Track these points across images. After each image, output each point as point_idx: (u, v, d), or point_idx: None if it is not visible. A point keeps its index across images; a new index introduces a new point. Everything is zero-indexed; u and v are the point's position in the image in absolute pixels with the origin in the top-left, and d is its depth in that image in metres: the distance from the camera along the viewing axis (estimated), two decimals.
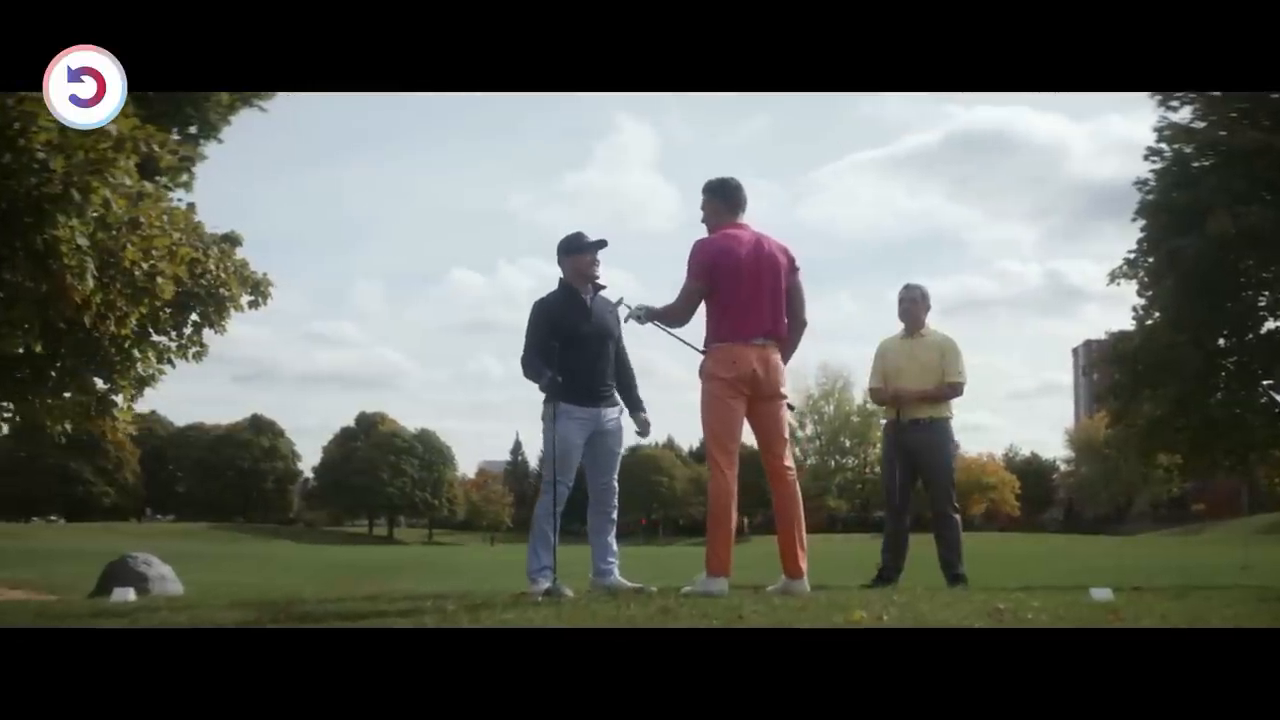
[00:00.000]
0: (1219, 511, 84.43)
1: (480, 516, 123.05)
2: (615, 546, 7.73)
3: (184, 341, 11.59)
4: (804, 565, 6.93)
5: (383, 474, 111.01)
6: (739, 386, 6.88)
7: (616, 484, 7.81)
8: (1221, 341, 17.19)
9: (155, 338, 11.47)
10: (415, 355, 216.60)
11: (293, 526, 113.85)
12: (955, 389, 9.02)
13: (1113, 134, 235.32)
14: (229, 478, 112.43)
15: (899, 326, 9.23)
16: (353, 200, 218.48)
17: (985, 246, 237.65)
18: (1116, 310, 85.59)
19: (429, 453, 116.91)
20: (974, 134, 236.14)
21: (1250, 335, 16.89)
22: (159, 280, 9.77)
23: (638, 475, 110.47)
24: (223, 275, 11.21)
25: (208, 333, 11.94)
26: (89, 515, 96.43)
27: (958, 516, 8.98)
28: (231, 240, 11.86)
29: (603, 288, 7.74)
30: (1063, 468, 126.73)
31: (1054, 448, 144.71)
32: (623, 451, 7.91)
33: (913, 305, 9.11)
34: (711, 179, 7.23)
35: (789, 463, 7.11)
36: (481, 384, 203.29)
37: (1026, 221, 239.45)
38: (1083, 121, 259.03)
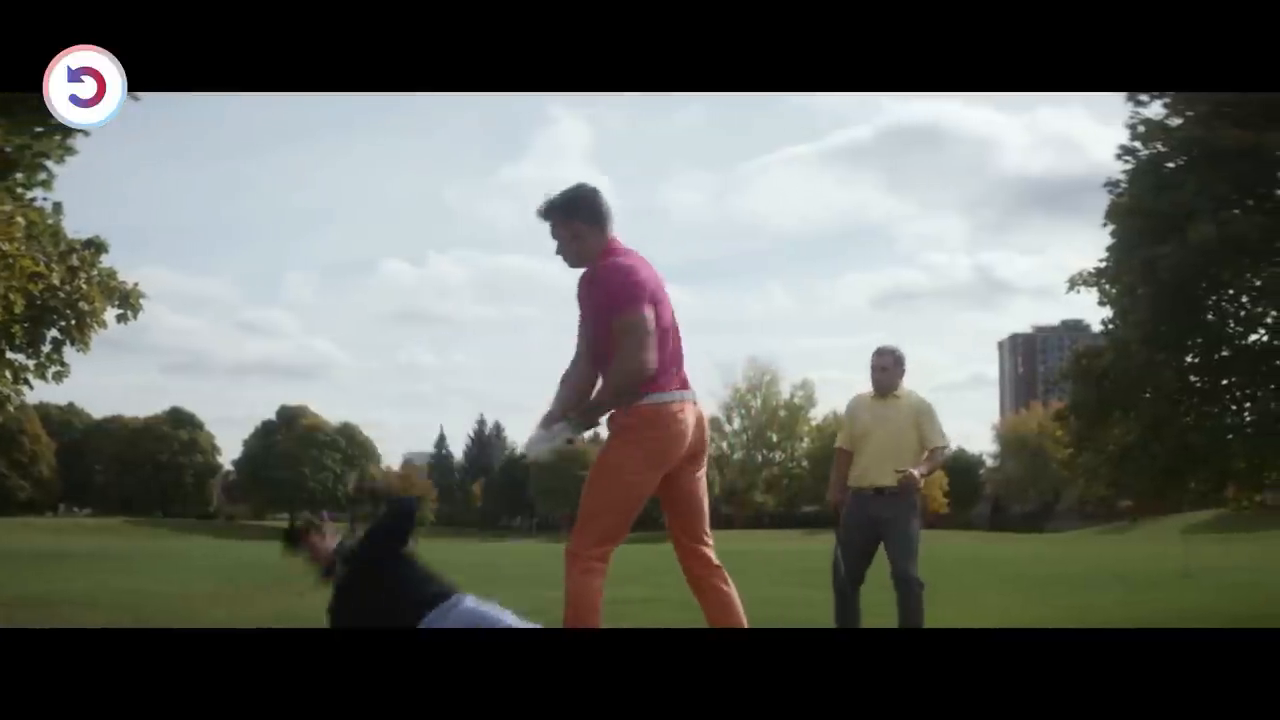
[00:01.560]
0: (1146, 509, 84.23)
1: None
2: None
3: (42, 360, 10.31)
4: None
5: (304, 468, 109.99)
6: (667, 456, 5.19)
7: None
8: (1196, 358, 16.01)
9: (10, 355, 10.26)
10: (346, 345, 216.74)
11: (212, 521, 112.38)
12: (939, 454, 8.35)
13: (1044, 127, 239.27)
14: (147, 471, 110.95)
15: (869, 386, 8.50)
16: (290, 190, 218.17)
17: (915, 239, 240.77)
18: (1043, 304, 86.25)
19: (352, 446, 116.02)
20: (906, 127, 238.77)
21: (1227, 350, 15.73)
22: None
23: (562, 471, 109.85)
24: (82, 287, 9.82)
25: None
26: (4, 509, 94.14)
27: (923, 585, 8.02)
28: (96, 247, 10.40)
29: None
30: (989, 463, 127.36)
31: (981, 441, 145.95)
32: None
33: (883, 374, 8.36)
34: (559, 196, 5.43)
35: (710, 546, 5.44)
36: (410, 375, 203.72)
37: (956, 214, 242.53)
38: (1014, 114, 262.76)
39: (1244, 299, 15.71)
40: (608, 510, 5.26)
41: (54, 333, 10.27)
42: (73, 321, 10.11)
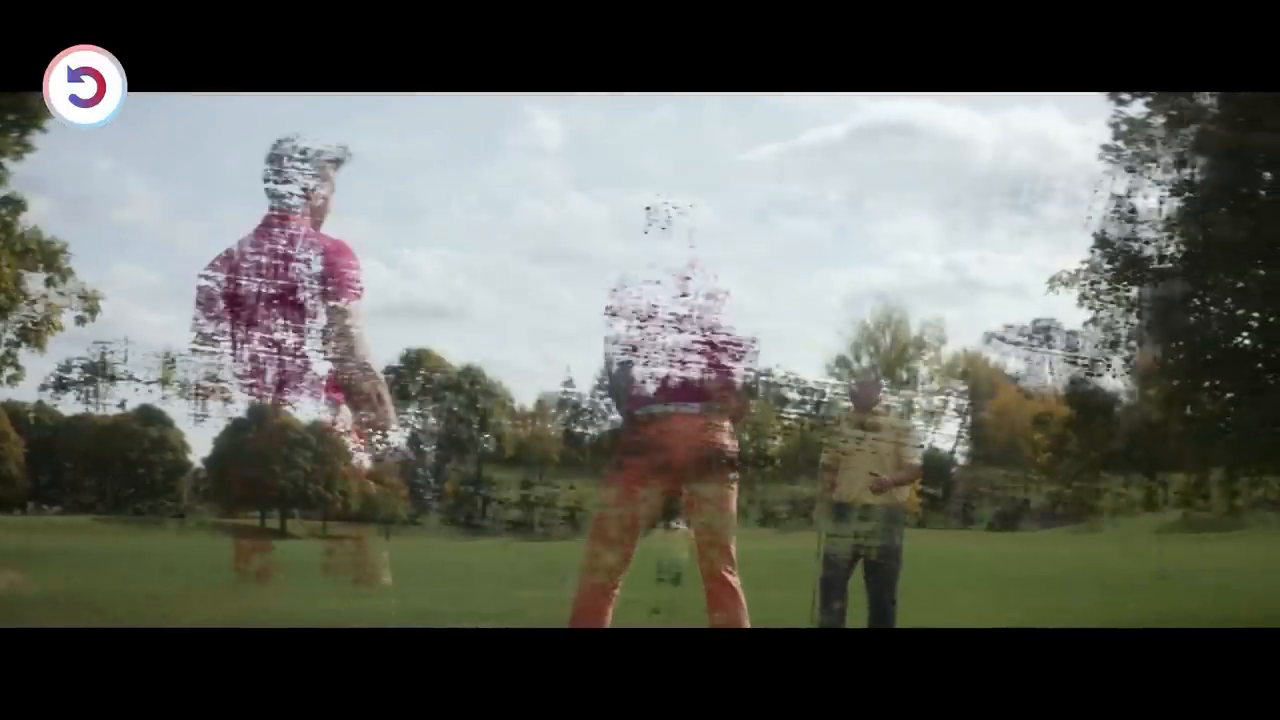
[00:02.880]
0: (1118, 509, 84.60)
1: (375, 509, 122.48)
2: None
3: None
4: None
5: (275, 466, 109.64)
6: (649, 469, 5.21)
7: None
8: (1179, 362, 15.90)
9: None
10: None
11: (181, 519, 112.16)
12: (915, 470, 8.59)
13: (1018, 127, 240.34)
14: (117, 469, 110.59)
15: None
16: (262, 187, 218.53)
17: (888, 238, 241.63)
18: (1017, 304, 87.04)
19: (323, 444, 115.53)
20: (880, 126, 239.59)
21: (1210, 354, 15.60)
22: None
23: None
24: (40, 288, 9.58)
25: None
26: None
27: (895, 603, 8.41)
28: (56, 248, 10.15)
29: None
30: (961, 461, 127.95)
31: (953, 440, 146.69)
32: None
33: (862, 390, 8.71)
34: None
35: (732, 573, 5.35)
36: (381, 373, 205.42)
37: (929, 213, 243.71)
38: (988, 114, 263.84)
39: (1228, 301, 15.59)
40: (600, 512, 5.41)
41: (9, 335, 10.06)
42: (28, 324, 9.89)
